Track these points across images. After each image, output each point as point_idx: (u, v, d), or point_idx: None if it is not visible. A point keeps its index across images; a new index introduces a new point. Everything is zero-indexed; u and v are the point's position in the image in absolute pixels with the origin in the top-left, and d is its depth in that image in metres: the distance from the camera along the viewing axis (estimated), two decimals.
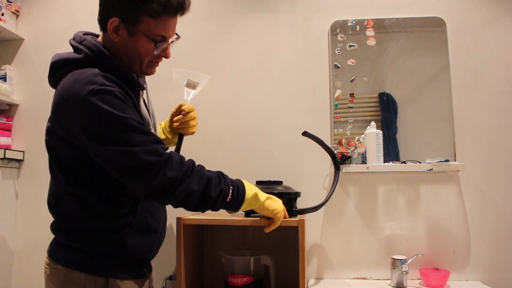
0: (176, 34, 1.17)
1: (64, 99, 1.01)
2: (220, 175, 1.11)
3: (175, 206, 1.06)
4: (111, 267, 1.09)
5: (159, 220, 1.22)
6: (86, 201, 1.07)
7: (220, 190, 1.07)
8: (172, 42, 1.16)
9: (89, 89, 0.97)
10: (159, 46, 1.12)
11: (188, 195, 1.04)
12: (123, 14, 1.06)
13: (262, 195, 1.18)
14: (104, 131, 0.98)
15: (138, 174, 0.99)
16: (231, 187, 1.10)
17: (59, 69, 1.10)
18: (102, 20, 1.10)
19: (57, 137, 1.06)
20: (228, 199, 1.09)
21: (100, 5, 1.11)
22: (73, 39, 1.13)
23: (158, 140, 1.04)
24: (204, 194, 1.05)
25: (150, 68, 1.17)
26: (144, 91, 1.25)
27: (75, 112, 0.99)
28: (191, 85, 1.31)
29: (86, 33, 1.16)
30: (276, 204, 1.23)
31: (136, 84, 1.15)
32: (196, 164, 1.09)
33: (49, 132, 1.09)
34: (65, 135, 1.03)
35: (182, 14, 1.13)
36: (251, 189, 1.15)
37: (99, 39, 1.14)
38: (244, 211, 1.33)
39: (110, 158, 1.00)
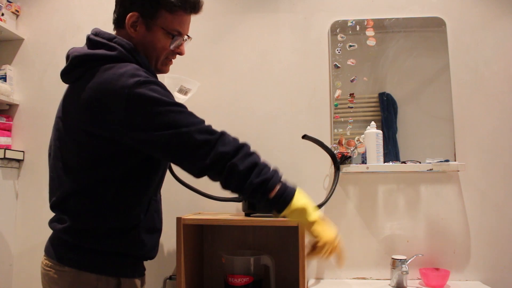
0: (188, 35, 1.19)
1: (104, 93, 0.98)
2: (273, 169, 1.03)
3: (223, 185, 1.03)
4: (123, 266, 1.08)
5: (161, 220, 1.23)
6: (101, 199, 1.04)
7: (264, 180, 0.99)
8: (185, 40, 1.18)
9: (135, 81, 0.97)
10: (176, 40, 1.14)
11: (232, 172, 0.99)
12: (142, 9, 1.09)
13: (312, 214, 1.04)
14: (154, 118, 0.97)
15: (194, 152, 0.99)
16: (279, 184, 1.01)
17: (82, 64, 1.07)
18: (119, 18, 1.12)
19: (84, 133, 1.02)
20: (270, 195, 1.00)
21: (117, 4, 1.13)
22: (96, 35, 1.11)
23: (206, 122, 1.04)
24: (246, 176, 1.00)
25: (165, 65, 1.19)
26: None
27: (120, 105, 0.96)
28: (183, 91, 1.31)
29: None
30: (325, 236, 1.04)
31: None
32: (252, 149, 1.04)
33: (71, 128, 1.05)
34: (98, 131, 1.00)
35: (195, 13, 1.17)
36: (301, 199, 1.03)
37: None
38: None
39: (163, 143, 0.98)
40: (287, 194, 1.01)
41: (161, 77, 1.31)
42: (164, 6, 1.09)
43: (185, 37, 1.18)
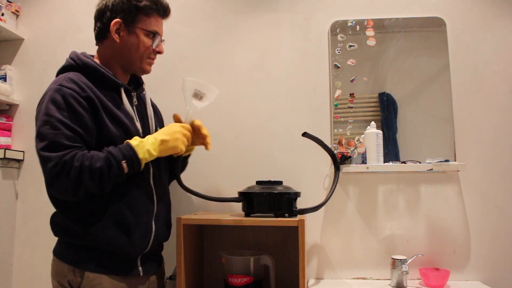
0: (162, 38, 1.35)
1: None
2: (108, 159, 1.13)
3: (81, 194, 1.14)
4: (85, 259, 1.18)
5: (139, 213, 1.24)
6: None
7: (114, 177, 1.13)
8: (163, 40, 1.34)
9: (51, 88, 1.17)
10: (156, 39, 1.30)
11: (88, 189, 1.13)
12: (123, 16, 1.25)
13: (154, 148, 1.20)
14: (38, 123, 1.14)
15: (43, 170, 1.14)
16: (123, 162, 1.14)
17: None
18: (101, 29, 1.28)
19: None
20: (126, 172, 1.15)
21: (96, 20, 1.29)
22: None
23: (69, 146, 1.11)
24: (102, 184, 1.13)
25: (148, 64, 1.34)
26: (144, 94, 1.40)
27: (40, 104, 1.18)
28: (198, 96, 1.31)
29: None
30: (169, 146, 1.23)
31: (115, 83, 1.26)
32: (90, 154, 1.13)
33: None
34: None
35: (165, 17, 1.33)
36: (143, 148, 1.18)
37: (95, 54, 1.32)
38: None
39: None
40: (135, 163, 1.16)
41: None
42: (141, 10, 1.25)
43: (162, 38, 1.33)
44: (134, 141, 1.18)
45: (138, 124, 1.29)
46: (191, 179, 1.73)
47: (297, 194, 1.46)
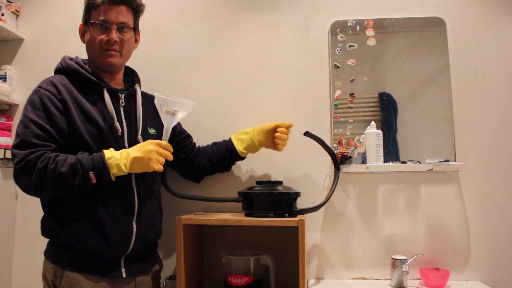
0: (132, 27, 1.34)
1: None
2: (75, 166, 1.13)
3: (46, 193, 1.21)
4: (66, 259, 1.21)
5: (116, 213, 1.24)
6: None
7: (78, 185, 1.13)
8: (114, 28, 1.28)
9: (33, 90, 1.25)
10: (102, 27, 1.27)
11: (52, 192, 1.17)
12: (83, 18, 1.33)
13: (125, 164, 1.17)
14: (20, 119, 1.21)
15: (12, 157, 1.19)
16: (91, 172, 1.14)
17: None
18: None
19: None
20: (94, 182, 1.15)
21: None
22: None
23: (37, 145, 1.15)
24: (67, 190, 1.15)
25: (106, 56, 1.30)
26: (135, 96, 1.40)
27: None
28: (169, 113, 1.30)
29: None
30: (142, 163, 1.19)
31: (96, 84, 1.28)
32: (56, 157, 1.15)
33: None
34: None
35: (116, 2, 1.29)
36: (114, 162, 1.16)
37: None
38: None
39: None
40: (103, 174, 1.15)
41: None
42: (91, 6, 1.29)
43: (114, 26, 1.29)
44: (108, 153, 1.17)
45: (117, 124, 1.29)
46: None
47: (297, 194, 1.46)
